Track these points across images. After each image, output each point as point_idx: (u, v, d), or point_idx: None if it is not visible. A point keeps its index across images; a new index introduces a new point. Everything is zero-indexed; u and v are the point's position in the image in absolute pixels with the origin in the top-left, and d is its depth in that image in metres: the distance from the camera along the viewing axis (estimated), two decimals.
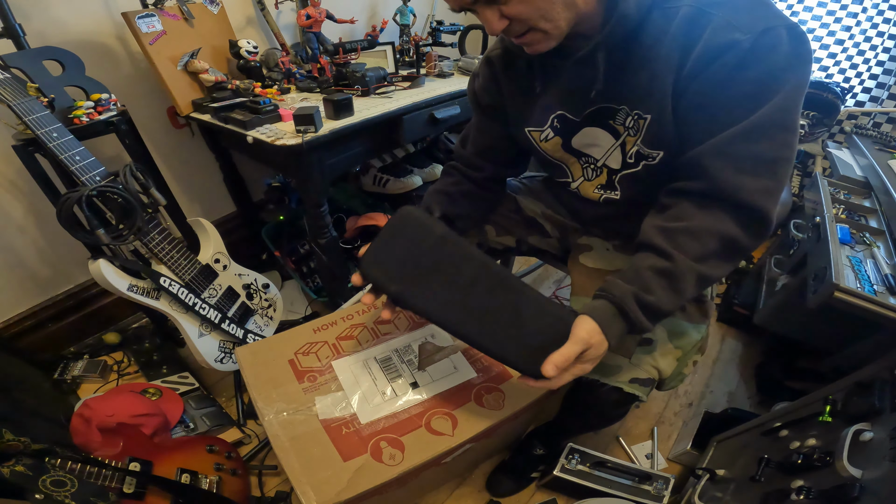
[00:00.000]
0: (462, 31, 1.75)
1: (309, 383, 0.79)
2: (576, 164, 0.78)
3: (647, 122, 0.65)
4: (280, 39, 1.42)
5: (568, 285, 1.69)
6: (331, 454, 0.69)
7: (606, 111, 0.68)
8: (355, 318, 0.91)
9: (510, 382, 0.81)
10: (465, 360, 0.84)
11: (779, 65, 0.54)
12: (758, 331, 1.40)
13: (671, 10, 0.58)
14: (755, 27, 0.53)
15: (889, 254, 0.93)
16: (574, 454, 0.99)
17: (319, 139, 1.00)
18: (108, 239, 0.91)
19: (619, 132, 0.69)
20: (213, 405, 1.21)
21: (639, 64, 0.61)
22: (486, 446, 0.94)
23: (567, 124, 0.73)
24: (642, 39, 0.60)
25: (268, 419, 0.73)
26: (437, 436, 0.72)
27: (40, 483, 0.75)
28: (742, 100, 0.56)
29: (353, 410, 0.75)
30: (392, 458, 0.69)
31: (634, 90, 0.64)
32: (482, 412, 0.76)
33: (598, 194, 0.79)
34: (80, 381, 1.23)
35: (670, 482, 0.94)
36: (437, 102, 1.25)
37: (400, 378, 0.80)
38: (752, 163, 0.57)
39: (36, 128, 0.83)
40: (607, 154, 0.73)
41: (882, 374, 0.74)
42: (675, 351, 0.73)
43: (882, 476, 0.58)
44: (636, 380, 0.71)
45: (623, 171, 0.73)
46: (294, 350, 0.84)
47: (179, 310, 1.07)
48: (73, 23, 1.11)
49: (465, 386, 0.80)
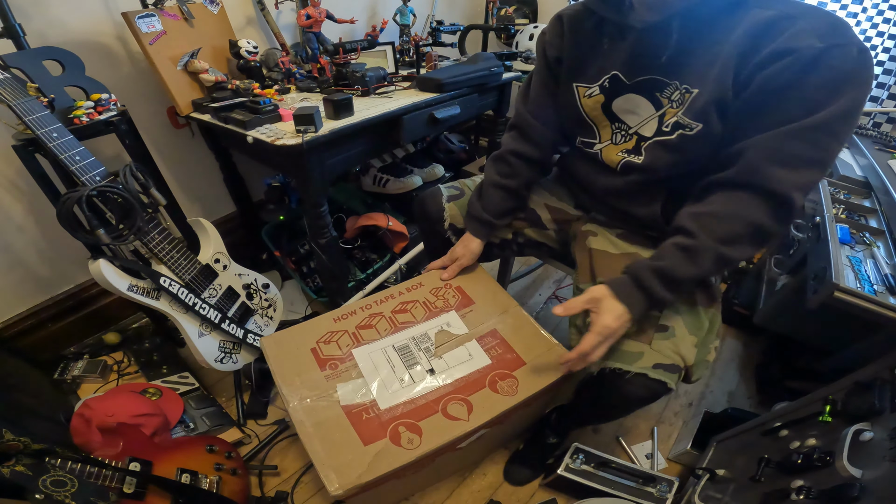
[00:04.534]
0: (462, 31, 1.76)
1: (331, 370, 0.82)
2: (607, 127, 0.82)
3: (693, 95, 0.68)
4: (280, 39, 1.42)
5: (568, 285, 1.69)
6: (352, 439, 0.72)
7: (657, 83, 0.72)
8: (374, 308, 0.95)
9: (523, 369, 0.83)
10: (479, 348, 0.87)
11: (843, 77, 0.57)
12: (758, 331, 1.40)
13: (758, 9, 0.62)
14: (831, 39, 0.56)
15: (889, 254, 0.93)
16: (579, 454, 1.00)
17: (319, 139, 1.00)
18: (108, 239, 0.91)
19: (662, 104, 0.73)
20: (213, 405, 1.21)
21: (708, 42, 0.65)
22: (500, 433, 0.96)
23: (616, 85, 0.77)
24: (719, 20, 0.64)
25: (293, 405, 0.77)
26: (453, 421, 0.75)
27: (40, 483, 0.75)
28: (801, 101, 0.59)
29: (372, 397, 0.78)
30: (410, 442, 0.72)
31: (693, 66, 0.67)
32: (496, 398, 0.79)
33: (619, 157, 0.81)
34: (80, 381, 1.23)
35: (674, 485, 0.94)
36: (437, 102, 1.25)
37: (417, 365, 0.83)
38: (791, 159, 0.62)
39: (36, 128, 0.83)
40: (643, 123, 0.76)
41: (882, 374, 0.74)
42: (692, 337, 0.74)
43: (882, 476, 0.58)
44: (660, 365, 0.71)
45: (655, 139, 0.75)
46: (316, 339, 0.88)
47: (179, 310, 1.07)
48: (73, 23, 1.11)
49: (479, 373, 0.82)
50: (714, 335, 0.77)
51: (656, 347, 0.72)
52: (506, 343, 0.89)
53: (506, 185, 0.95)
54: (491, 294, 0.99)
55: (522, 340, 0.89)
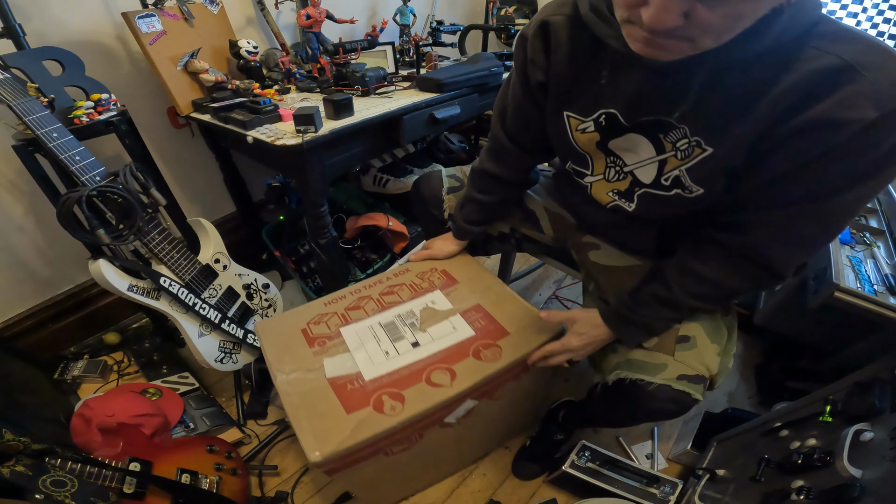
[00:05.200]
0: (462, 31, 1.75)
1: (319, 347, 0.84)
2: (601, 160, 0.72)
3: (705, 154, 0.58)
4: (280, 39, 1.42)
5: (568, 285, 1.69)
6: (335, 408, 0.73)
7: (662, 124, 0.60)
8: (362, 292, 0.97)
9: (507, 338, 0.84)
10: (463, 322, 0.88)
11: (886, 155, 0.48)
12: (758, 331, 1.39)
13: (815, 50, 0.47)
14: (890, 103, 0.45)
15: (889, 254, 0.93)
16: (585, 451, 1.00)
17: (319, 139, 1.00)
18: (108, 239, 0.91)
19: (665, 149, 0.62)
20: (213, 405, 1.21)
21: (739, 94, 0.52)
22: (494, 414, 0.95)
23: (614, 125, 0.65)
24: (762, 65, 0.49)
25: (280, 379, 0.78)
26: (436, 388, 0.75)
27: (40, 483, 0.75)
28: (829, 181, 0.51)
29: (358, 369, 0.79)
30: (392, 409, 0.72)
31: (713, 120, 0.55)
32: (480, 365, 0.79)
33: (609, 198, 0.75)
34: (81, 381, 1.23)
35: (678, 487, 0.94)
36: (438, 102, 1.25)
37: (402, 339, 0.84)
38: (801, 240, 0.57)
39: (36, 128, 0.83)
40: (640, 164, 0.66)
41: (882, 374, 0.74)
42: (714, 346, 0.72)
43: (882, 476, 0.58)
44: (684, 376, 0.69)
45: (649, 189, 0.68)
46: (307, 321, 0.90)
47: (179, 310, 1.07)
48: (73, 23, 1.11)
49: (463, 344, 0.83)
50: (734, 342, 0.77)
51: (680, 359, 0.70)
52: (489, 316, 0.89)
53: (481, 201, 0.93)
54: (475, 274, 1.00)
55: (506, 313, 0.89)
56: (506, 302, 0.92)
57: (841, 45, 0.46)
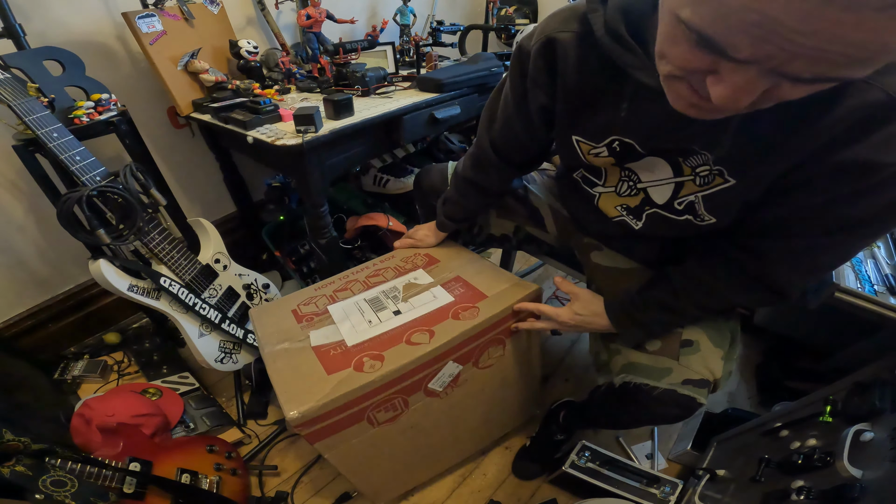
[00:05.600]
0: (462, 31, 1.76)
1: (307, 323, 0.86)
2: (616, 174, 0.69)
3: (727, 185, 0.55)
4: (280, 39, 1.42)
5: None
6: (317, 370, 0.74)
7: (684, 151, 0.56)
8: (350, 277, 1.00)
9: (486, 300, 0.85)
10: (443, 291, 0.90)
11: None
12: (758, 331, 1.40)
13: (862, 82, 0.41)
14: None
15: (889, 254, 0.93)
16: (585, 451, 1.00)
17: (319, 139, 1.00)
18: (108, 239, 0.91)
19: (684, 172, 0.59)
20: (214, 405, 1.21)
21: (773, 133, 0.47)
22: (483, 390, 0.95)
23: (629, 152, 0.61)
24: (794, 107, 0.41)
25: (267, 350, 0.81)
26: (415, 346, 0.77)
27: (40, 483, 0.75)
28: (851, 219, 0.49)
29: (342, 337, 0.81)
30: (372, 367, 0.74)
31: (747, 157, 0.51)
32: (458, 323, 0.80)
33: (616, 213, 0.73)
34: (81, 381, 1.23)
35: (678, 487, 0.94)
36: (437, 102, 1.25)
37: (385, 310, 0.86)
38: (815, 268, 0.56)
39: (36, 128, 0.83)
40: (656, 183, 0.63)
41: (882, 374, 0.74)
42: (718, 350, 0.72)
43: (882, 476, 0.58)
44: (689, 381, 0.69)
45: (660, 210, 0.66)
46: (297, 303, 0.93)
47: (180, 310, 1.07)
48: (74, 23, 1.11)
49: (443, 308, 0.85)
50: (737, 346, 0.76)
51: (684, 363, 0.70)
52: (469, 284, 0.90)
53: (461, 203, 0.94)
54: (456, 253, 1.02)
55: (486, 280, 0.91)
56: (486, 271, 0.94)
57: (890, 76, 0.40)
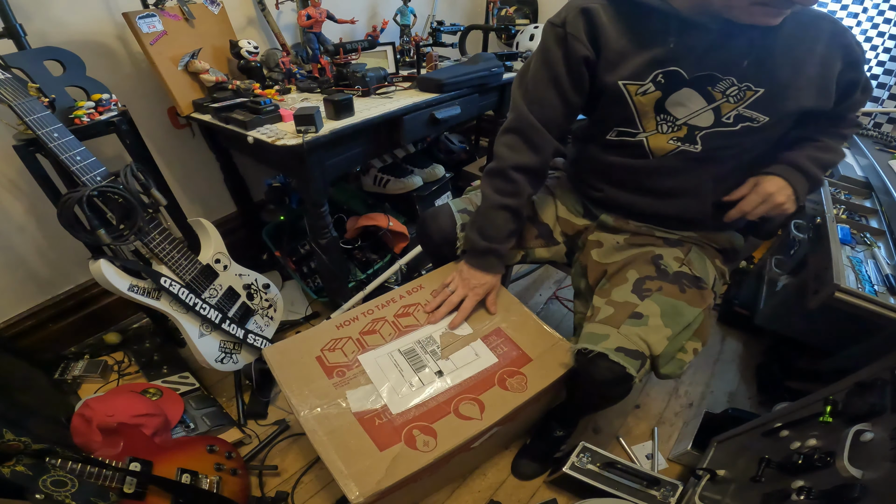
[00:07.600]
0: (462, 32, 1.76)
1: (338, 378, 0.82)
2: (652, 119, 0.79)
3: (758, 94, 0.72)
4: (280, 40, 1.43)
5: (568, 286, 1.69)
6: (367, 445, 0.72)
7: (711, 78, 0.72)
8: (376, 313, 0.95)
9: (531, 365, 0.85)
10: (485, 347, 0.88)
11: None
12: (758, 331, 1.40)
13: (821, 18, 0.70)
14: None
15: (890, 254, 0.93)
16: (585, 453, 1.00)
17: (320, 139, 1.00)
18: (108, 239, 0.91)
19: (715, 98, 0.74)
20: (214, 405, 1.21)
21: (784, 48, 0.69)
22: (511, 430, 0.97)
23: (674, 81, 0.74)
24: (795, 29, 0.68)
25: (303, 415, 0.76)
26: (466, 420, 0.76)
27: (40, 483, 0.75)
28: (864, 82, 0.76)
29: (383, 402, 0.78)
30: (426, 444, 0.72)
31: (757, 71, 0.70)
32: (507, 395, 0.80)
33: (671, 146, 0.80)
34: (81, 381, 1.23)
35: (678, 489, 0.94)
36: (438, 103, 1.25)
37: (425, 368, 0.84)
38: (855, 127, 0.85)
39: (37, 128, 0.83)
40: (693, 115, 0.76)
41: (882, 374, 0.74)
42: (666, 330, 0.74)
43: (883, 476, 0.58)
44: (622, 349, 0.72)
45: (714, 129, 0.76)
46: (320, 347, 0.88)
47: (180, 310, 1.07)
48: (74, 23, 1.11)
49: (488, 371, 0.83)
50: (695, 337, 0.77)
51: (623, 332, 0.74)
52: (511, 341, 0.89)
53: (509, 206, 0.86)
54: None
55: (527, 337, 0.90)
56: (526, 324, 0.93)
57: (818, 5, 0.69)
